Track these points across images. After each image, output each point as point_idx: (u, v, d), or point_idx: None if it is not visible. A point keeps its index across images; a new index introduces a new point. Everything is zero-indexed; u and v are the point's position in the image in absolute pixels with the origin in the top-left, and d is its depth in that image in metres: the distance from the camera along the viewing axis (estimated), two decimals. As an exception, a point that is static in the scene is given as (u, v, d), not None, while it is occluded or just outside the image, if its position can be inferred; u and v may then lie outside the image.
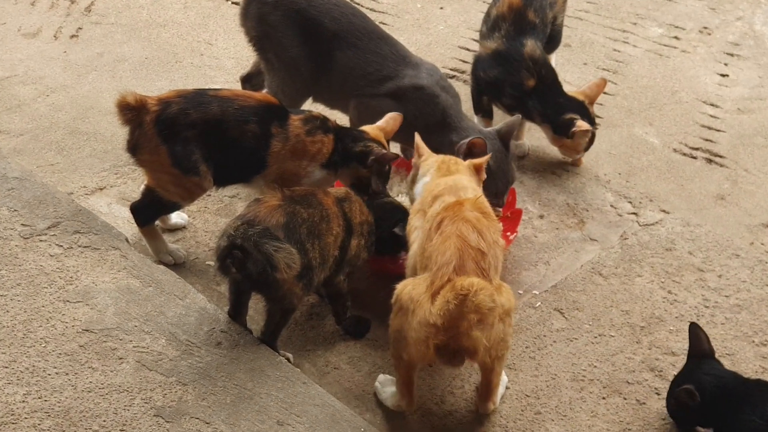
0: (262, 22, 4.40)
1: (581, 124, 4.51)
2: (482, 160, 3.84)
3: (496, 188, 4.18)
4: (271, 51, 4.44)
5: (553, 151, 4.82)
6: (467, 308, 3.19)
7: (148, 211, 4.02)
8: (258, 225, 3.46)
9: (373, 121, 4.26)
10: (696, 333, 3.56)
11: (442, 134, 4.33)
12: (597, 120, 4.99)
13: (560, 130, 4.59)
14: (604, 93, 5.16)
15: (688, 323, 3.59)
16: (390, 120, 4.14)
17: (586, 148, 4.66)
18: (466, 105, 4.74)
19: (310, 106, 4.50)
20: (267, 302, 3.63)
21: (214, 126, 3.83)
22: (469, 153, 4.06)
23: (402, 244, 3.84)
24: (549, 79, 4.61)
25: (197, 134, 3.81)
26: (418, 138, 3.92)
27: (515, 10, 4.63)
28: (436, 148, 4.03)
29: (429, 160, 3.85)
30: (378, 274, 4.07)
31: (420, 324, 3.28)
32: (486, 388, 3.59)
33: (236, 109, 3.86)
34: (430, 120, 4.34)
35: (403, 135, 4.35)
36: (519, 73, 4.58)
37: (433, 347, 3.30)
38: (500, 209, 4.18)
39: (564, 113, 4.56)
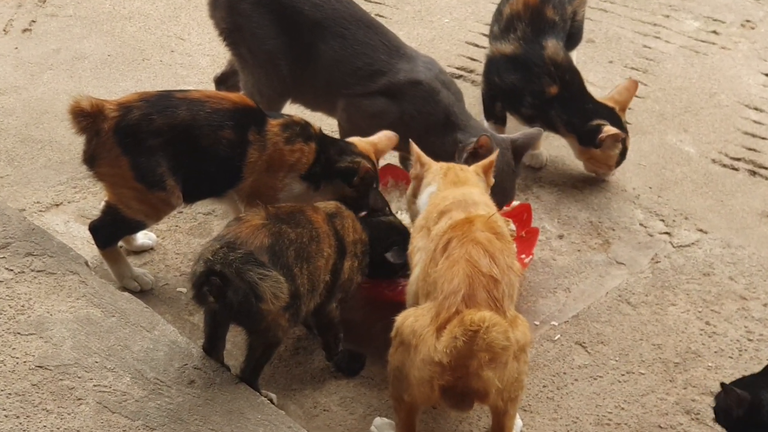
0: (232, 11, 4.39)
1: (609, 129, 4.52)
2: (488, 161, 3.85)
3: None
4: (244, 45, 4.44)
5: (574, 161, 4.83)
6: (477, 346, 3.16)
7: (110, 230, 4.03)
8: (239, 248, 3.45)
9: (364, 124, 4.28)
10: None
11: (445, 135, 4.32)
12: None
13: (587, 140, 4.59)
14: (634, 95, 5.19)
15: (729, 359, 3.60)
16: (384, 138, 4.15)
17: (619, 163, 4.66)
18: (476, 109, 4.75)
19: (288, 109, 4.50)
20: (248, 335, 3.63)
21: (183, 133, 3.83)
22: (474, 155, 4.08)
23: (396, 270, 3.85)
24: (574, 84, 4.62)
25: (163, 143, 3.81)
26: (414, 146, 3.91)
27: (532, 7, 4.63)
28: (437, 153, 4.03)
29: (433, 168, 3.85)
30: (374, 303, 4.07)
31: (424, 362, 3.27)
32: (498, 432, 3.60)
33: (208, 113, 3.86)
34: (431, 120, 4.33)
35: (400, 141, 4.36)
36: (540, 80, 4.58)
37: (438, 388, 3.28)
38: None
39: (590, 120, 4.57)
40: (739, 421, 3.27)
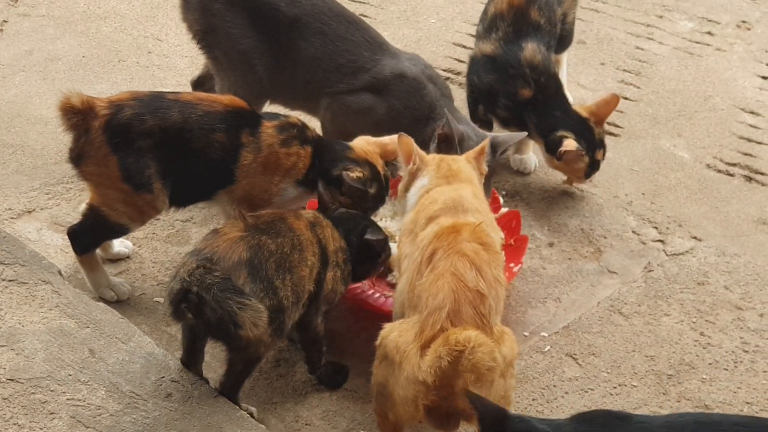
0: (206, 12, 4.40)
1: (568, 144, 4.50)
2: (479, 148, 3.85)
3: None
4: (218, 47, 4.44)
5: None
6: (463, 367, 3.14)
7: (90, 235, 4.02)
8: (216, 268, 3.43)
9: (349, 122, 4.29)
10: None
11: (430, 127, 4.36)
12: (616, 130, 5.03)
13: (551, 149, 4.60)
14: (625, 98, 5.22)
15: (724, 371, 3.61)
16: (394, 140, 4.16)
17: (588, 175, 4.66)
18: (463, 112, 4.75)
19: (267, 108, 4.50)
20: (228, 351, 3.63)
21: (174, 135, 3.84)
22: (444, 138, 4.20)
23: (379, 253, 3.85)
24: (549, 89, 4.61)
25: (153, 145, 3.82)
26: (414, 144, 3.91)
27: (516, 8, 4.64)
28: (425, 142, 4.14)
29: (426, 160, 3.85)
30: (358, 313, 4.07)
31: (408, 380, 3.26)
32: (484, 449, 3.59)
33: (200, 116, 3.87)
34: (418, 114, 4.36)
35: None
36: (514, 82, 4.58)
37: (423, 408, 3.28)
38: None
39: (556, 130, 4.57)
40: None
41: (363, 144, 4.12)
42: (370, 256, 3.89)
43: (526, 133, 4.48)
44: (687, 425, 2.87)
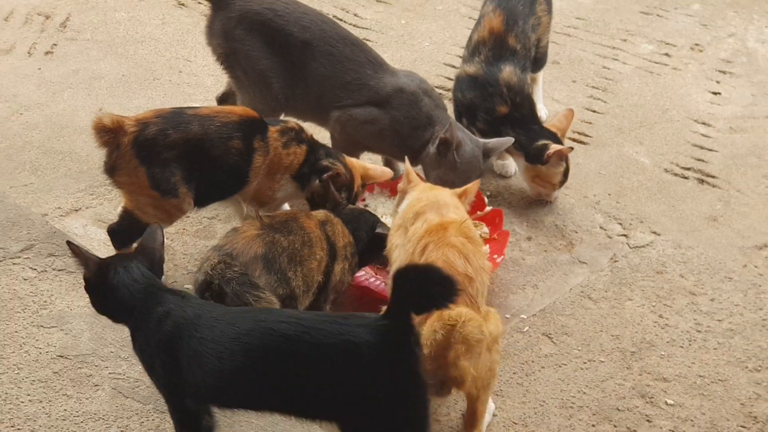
0: (227, 37, 4.38)
1: (556, 146, 4.50)
2: (462, 190, 3.84)
3: (453, 183, 4.19)
4: (239, 68, 4.42)
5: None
6: (455, 339, 3.18)
7: (127, 233, 4.01)
8: (236, 263, 3.43)
9: (356, 132, 4.29)
10: None
11: (426, 132, 4.35)
12: (586, 139, 5.03)
13: (534, 158, 4.56)
14: (593, 111, 5.21)
15: (680, 348, 3.61)
16: (378, 169, 4.21)
17: (562, 183, 4.64)
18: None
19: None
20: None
21: (196, 145, 3.84)
22: (444, 142, 4.22)
23: (384, 244, 3.85)
24: (524, 107, 4.60)
25: (177, 155, 3.81)
26: (407, 164, 3.92)
27: (495, 35, 4.63)
28: (423, 146, 4.20)
29: (418, 187, 3.84)
30: (362, 298, 4.06)
31: None
32: (472, 417, 3.58)
33: (218, 127, 3.87)
34: (416, 123, 4.35)
35: (387, 145, 4.37)
36: (492, 99, 4.57)
37: None
38: None
39: (537, 140, 4.56)
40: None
41: (355, 161, 4.14)
42: (378, 248, 3.88)
43: (513, 139, 4.47)
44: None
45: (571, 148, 4.58)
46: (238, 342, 2.87)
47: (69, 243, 3.06)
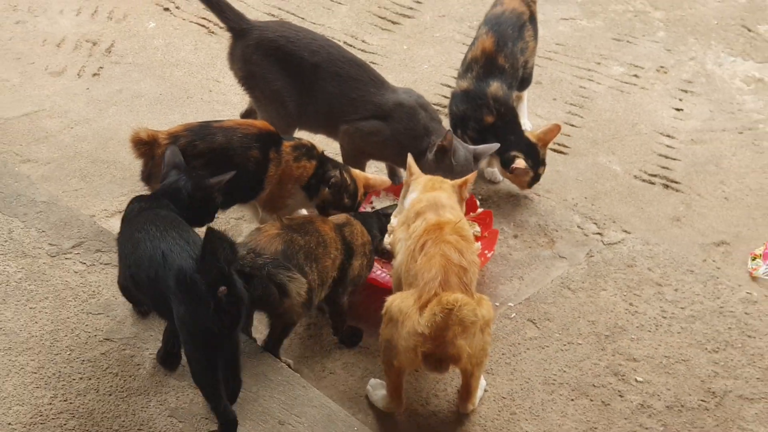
0: (246, 62, 4.38)
1: (519, 163, 4.49)
2: (463, 180, 3.86)
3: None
4: (257, 88, 4.43)
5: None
6: (452, 321, 3.21)
7: (161, 231, 4.03)
8: (264, 254, 3.46)
9: (362, 142, 4.29)
10: None
11: (423, 140, 4.35)
12: (565, 149, 5.03)
13: (505, 165, 4.59)
14: (572, 125, 5.21)
15: (648, 332, 3.61)
16: (378, 179, 4.21)
17: (530, 185, 4.64)
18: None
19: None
20: (270, 318, 3.64)
21: (221, 154, 3.84)
22: (441, 148, 4.22)
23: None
24: (507, 118, 4.59)
25: (204, 163, 3.81)
26: (410, 159, 3.93)
27: (487, 54, 4.63)
28: (421, 153, 4.20)
29: (419, 179, 3.86)
30: (371, 289, 4.06)
31: (409, 333, 3.28)
32: (466, 391, 3.61)
33: (240, 137, 3.88)
34: (414, 133, 4.34)
35: (390, 153, 4.37)
36: (481, 110, 4.57)
37: (420, 355, 3.31)
38: None
39: (510, 150, 4.55)
40: None
41: (357, 171, 4.14)
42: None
43: (498, 145, 4.47)
44: None
45: (541, 168, 4.58)
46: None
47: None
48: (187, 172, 3.55)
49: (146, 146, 3.80)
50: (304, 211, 4.24)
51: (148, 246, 3.14)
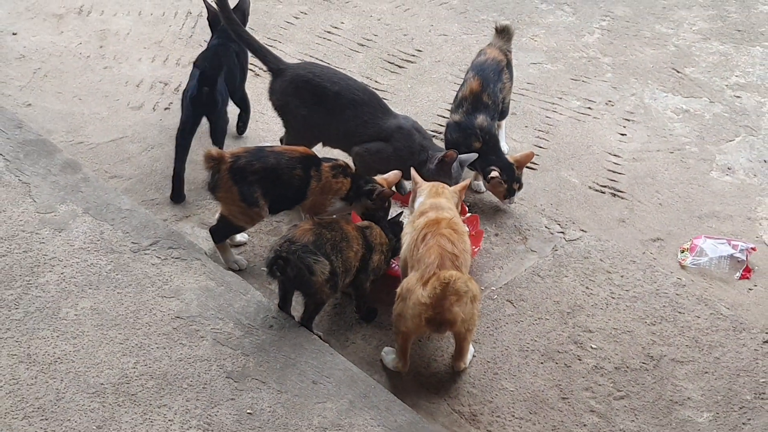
0: (282, 94, 4.37)
1: (494, 174, 4.46)
2: (466, 183, 3.95)
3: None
4: (289, 114, 4.41)
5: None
6: (449, 291, 3.29)
7: (222, 232, 4.03)
8: (296, 242, 3.48)
9: (370, 159, 4.27)
10: None
11: (420, 156, 4.32)
12: (535, 166, 5.01)
13: (486, 178, 4.58)
14: (540, 147, 5.19)
15: (600, 310, 3.59)
16: (392, 174, 4.16)
17: (506, 197, 4.58)
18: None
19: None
20: (304, 297, 3.64)
21: (272, 172, 3.85)
22: (442, 161, 4.21)
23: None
24: (491, 143, 4.56)
25: (259, 178, 3.83)
26: (414, 171, 3.96)
27: (474, 93, 4.61)
28: (419, 165, 4.18)
29: (423, 186, 3.89)
30: (385, 276, 4.04)
31: (415, 304, 3.35)
32: (459, 352, 3.62)
33: (287, 160, 3.88)
34: (412, 150, 4.31)
35: (394, 168, 4.34)
36: (470, 138, 4.56)
37: (424, 320, 3.37)
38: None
39: (489, 167, 4.53)
40: None
41: (380, 176, 4.13)
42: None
43: (477, 155, 4.45)
44: None
45: (516, 183, 4.55)
46: None
47: None
48: None
49: (215, 161, 3.81)
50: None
51: None
